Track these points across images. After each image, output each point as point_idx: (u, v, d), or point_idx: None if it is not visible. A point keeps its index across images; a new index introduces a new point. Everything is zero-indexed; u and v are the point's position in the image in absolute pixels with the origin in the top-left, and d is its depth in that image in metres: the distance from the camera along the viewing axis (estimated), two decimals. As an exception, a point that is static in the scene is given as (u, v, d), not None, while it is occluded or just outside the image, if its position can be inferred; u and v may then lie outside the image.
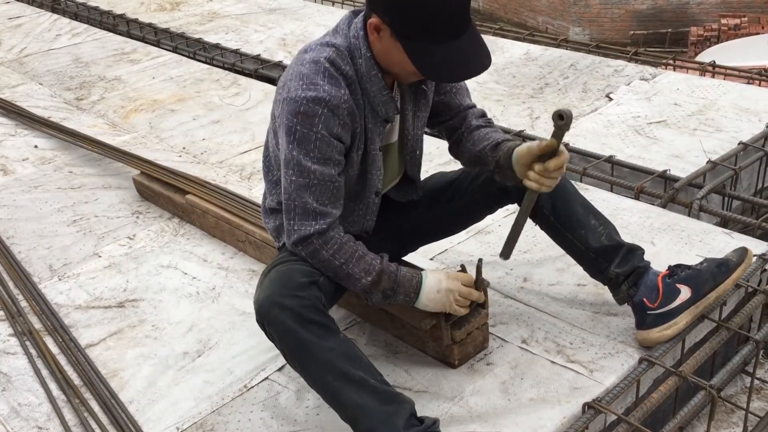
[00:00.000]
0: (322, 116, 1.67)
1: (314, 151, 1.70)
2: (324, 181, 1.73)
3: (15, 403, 2.04)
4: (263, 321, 1.70)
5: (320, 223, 1.75)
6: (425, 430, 1.67)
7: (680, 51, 9.50)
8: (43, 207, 3.11)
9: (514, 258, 2.49)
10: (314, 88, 1.68)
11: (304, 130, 1.68)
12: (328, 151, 1.71)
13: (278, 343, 1.71)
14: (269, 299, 1.68)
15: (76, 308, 2.44)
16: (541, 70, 4.42)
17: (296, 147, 1.69)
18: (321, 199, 1.74)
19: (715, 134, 3.48)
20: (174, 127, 3.88)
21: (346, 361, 1.68)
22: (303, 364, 1.70)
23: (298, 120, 1.68)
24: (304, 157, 1.70)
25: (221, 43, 5.29)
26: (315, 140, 1.69)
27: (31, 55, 5.27)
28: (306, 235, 1.75)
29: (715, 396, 1.91)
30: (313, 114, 1.67)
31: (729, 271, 2.01)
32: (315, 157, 1.70)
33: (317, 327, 1.68)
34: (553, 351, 2.07)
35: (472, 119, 2.04)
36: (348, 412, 1.69)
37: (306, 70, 1.71)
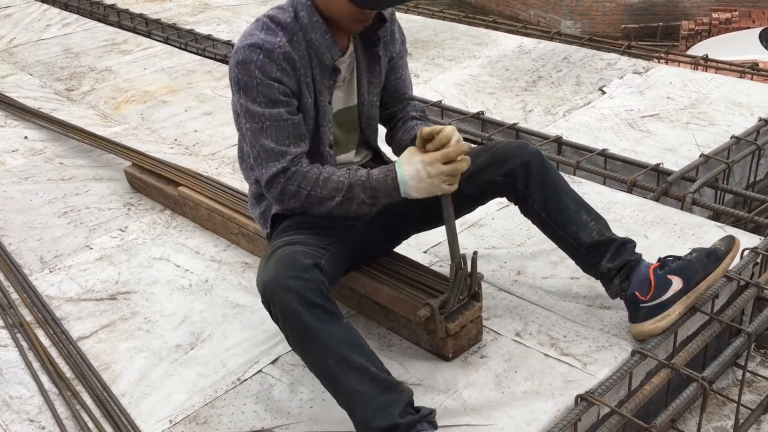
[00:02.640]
0: (258, 62, 1.76)
1: (258, 96, 1.77)
2: (276, 121, 1.79)
3: (6, 395, 2.03)
4: (268, 302, 1.69)
5: (281, 161, 1.80)
6: (420, 420, 1.67)
7: (671, 45, 9.51)
8: (34, 198, 3.09)
9: (508, 251, 2.50)
10: (250, 38, 1.78)
11: (245, 77, 1.76)
12: (271, 94, 1.78)
13: (282, 324, 1.70)
14: (274, 281, 1.68)
15: (67, 300, 2.42)
16: (534, 63, 4.41)
17: (243, 95, 1.78)
18: (278, 138, 1.80)
19: (707, 128, 3.49)
20: (165, 119, 3.85)
21: (348, 347, 1.68)
22: (305, 348, 1.69)
23: (239, 69, 1.77)
24: (251, 103, 1.77)
25: (213, 34, 5.26)
26: (256, 85, 1.77)
27: (20, 46, 5.22)
28: (271, 175, 1.81)
29: (708, 388, 1.92)
30: (250, 60, 1.76)
31: (718, 259, 2.02)
32: (260, 101, 1.78)
33: (321, 311, 1.67)
34: (547, 344, 2.07)
35: (411, 110, 2.10)
36: (346, 399, 1.69)
37: (248, 28, 1.83)
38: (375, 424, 1.64)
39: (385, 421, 1.64)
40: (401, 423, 1.64)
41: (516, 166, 1.99)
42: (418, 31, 5.08)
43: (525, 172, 1.98)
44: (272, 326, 2.21)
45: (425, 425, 1.66)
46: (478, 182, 2.03)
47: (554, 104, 3.85)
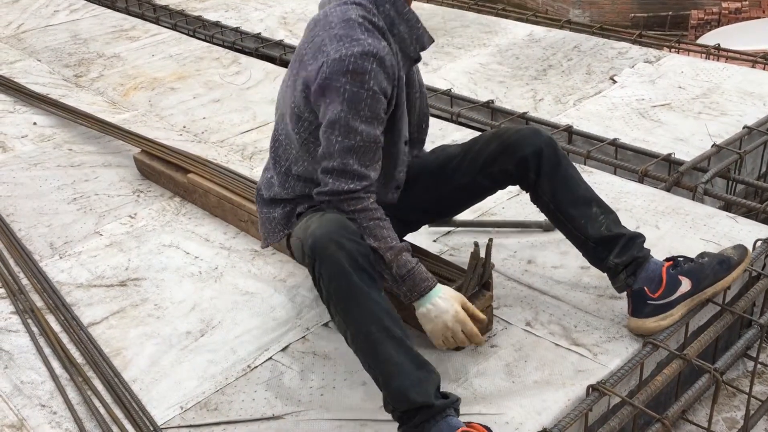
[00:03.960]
0: (372, 72, 1.67)
1: (364, 110, 1.70)
2: (368, 143, 1.74)
3: (18, 380, 2.04)
4: (315, 257, 1.66)
5: (356, 183, 1.75)
6: (450, 405, 1.66)
7: (681, 34, 9.45)
8: (43, 184, 3.09)
9: (518, 241, 2.49)
10: (358, 44, 1.67)
11: (354, 89, 1.67)
12: (377, 109, 1.72)
13: (327, 282, 1.66)
14: (327, 236, 1.65)
15: (77, 287, 2.43)
16: (544, 51, 4.38)
17: (346, 107, 1.69)
18: (363, 160, 1.75)
19: (719, 118, 3.46)
20: (174, 106, 3.85)
21: (389, 317, 1.68)
22: (348, 309, 1.66)
23: (347, 79, 1.67)
24: (353, 117, 1.70)
25: (221, 21, 5.24)
26: (366, 98, 1.69)
27: (28, 31, 5.21)
28: (341, 190, 1.75)
29: (720, 379, 1.92)
30: (363, 71, 1.67)
31: (729, 268, 2.03)
32: (364, 116, 1.70)
33: (368, 277, 1.67)
34: (558, 334, 2.07)
35: None
36: (382, 367, 1.66)
37: (340, 30, 1.70)
38: (411, 397, 1.63)
39: (422, 397, 1.63)
40: (436, 404, 1.64)
41: (528, 155, 1.98)
42: (427, 19, 5.03)
43: (536, 161, 1.97)
44: (282, 314, 2.23)
45: (452, 412, 1.66)
46: (491, 171, 2.02)
47: (565, 93, 3.83)
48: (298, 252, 1.89)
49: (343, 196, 1.76)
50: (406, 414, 1.65)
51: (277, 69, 4.25)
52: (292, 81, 1.86)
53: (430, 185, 2.08)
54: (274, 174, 1.99)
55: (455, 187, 2.09)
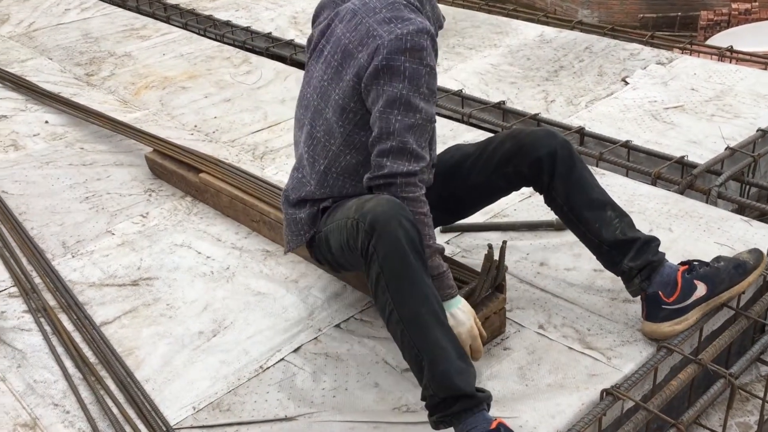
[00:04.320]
0: (427, 48, 1.72)
1: (423, 87, 1.73)
2: (426, 121, 1.76)
3: (31, 379, 2.04)
4: (374, 233, 1.66)
5: (414, 164, 1.76)
6: (486, 399, 1.67)
7: (690, 35, 9.41)
8: (55, 183, 3.10)
9: (530, 243, 2.48)
10: (410, 23, 1.72)
11: (414, 65, 1.71)
12: (433, 84, 1.75)
13: (381, 259, 1.66)
14: (388, 213, 1.66)
15: (90, 286, 2.43)
16: (555, 52, 4.37)
17: (406, 85, 1.71)
18: (419, 140, 1.76)
19: (732, 120, 3.44)
20: (185, 105, 3.85)
21: (437, 302, 1.69)
22: (401, 288, 1.66)
23: (406, 57, 1.70)
24: (414, 94, 1.72)
25: (232, 20, 5.24)
26: (425, 74, 1.72)
27: (40, 30, 5.23)
28: (395, 172, 1.75)
29: (735, 384, 1.91)
30: (420, 48, 1.71)
31: (745, 273, 2.02)
32: (423, 93, 1.73)
33: (421, 260, 1.68)
34: (571, 337, 2.06)
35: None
36: (429, 349, 1.65)
37: (387, 13, 1.75)
38: (457, 383, 1.63)
39: (465, 386, 1.63)
40: (477, 396, 1.64)
41: (542, 156, 1.97)
42: (437, 19, 5.04)
43: (551, 163, 1.97)
44: (294, 314, 2.22)
45: (486, 407, 1.67)
46: (506, 171, 2.02)
47: (576, 94, 3.82)
48: (341, 234, 1.82)
49: (400, 178, 1.75)
50: (444, 401, 1.64)
51: (288, 68, 4.25)
52: (334, 73, 1.86)
53: (445, 184, 2.08)
54: (311, 173, 1.97)
55: (469, 187, 2.08)
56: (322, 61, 1.91)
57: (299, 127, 2.03)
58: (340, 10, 1.89)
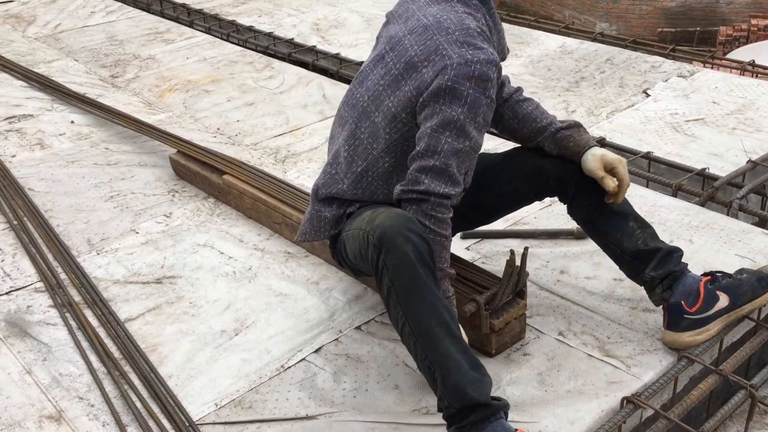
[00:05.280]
0: (494, 80, 1.74)
1: (480, 116, 1.75)
2: (474, 151, 1.78)
3: (56, 373, 2.07)
4: (382, 247, 1.68)
5: (449, 188, 1.77)
6: (503, 408, 1.67)
7: (709, 50, 9.40)
8: (80, 182, 3.14)
9: (551, 251, 2.49)
10: (483, 52, 1.73)
11: (477, 94, 1.72)
12: (489, 116, 1.78)
13: (390, 272, 1.68)
14: (396, 228, 1.67)
15: (114, 283, 2.47)
16: (576, 63, 4.38)
17: (465, 111, 1.73)
18: (461, 167, 1.78)
19: (754, 134, 3.44)
20: (208, 108, 3.90)
21: (448, 314, 1.69)
22: (410, 301, 1.67)
23: (471, 84, 1.72)
24: (470, 122, 1.74)
25: (254, 26, 5.30)
26: (484, 105, 1.74)
27: (65, 32, 5.31)
28: (431, 191, 1.76)
29: (756, 396, 1.91)
30: (487, 78, 1.73)
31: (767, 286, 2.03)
32: (479, 122, 1.75)
33: (430, 273, 1.69)
34: (591, 344, 2.07)
35: (507, 86, 2.11)
36: (441, 361, 1.66)
37: (460, 37, 1.76)
38: (470, 394, 1.63)
39: (479, 395, 1.64)
40: (492, 404, 1.65)
41: (571, 168, 2.00)
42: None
43: (579, 173, 1.99)
44: (315, 315, 2.25)
45: (503, 415, 1.67)
46: (532, 181, 2.04)
47: (597, 105, 3.83)
48: (355, 243, 1.85)
49: (434, 198, 1.76)
50: (460, 412, 1.65)
51: (310, 74, 4.29)
52: (392, 81, 1.87)
53: (469, 191, 2.10)
54: (346, 172, 1.98)
55: (494, 195, 2.10)
56: (382, 66, 1.91)
57: (341, 124, 2.04)
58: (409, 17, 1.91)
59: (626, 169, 1.97)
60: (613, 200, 1.98)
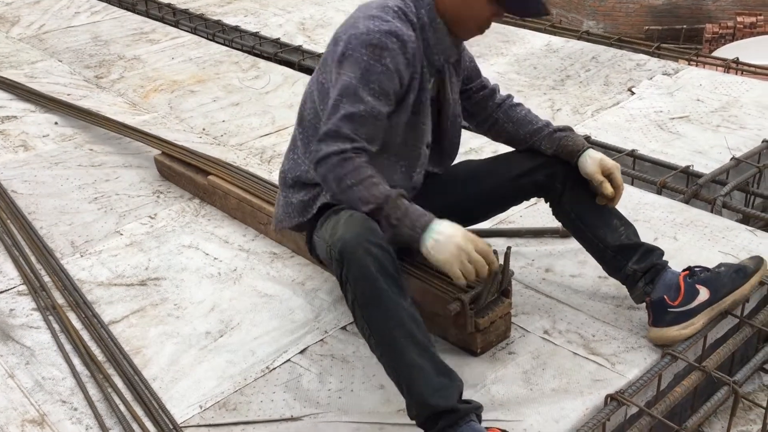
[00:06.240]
0: (392, 51, 1.75)
1: (375, 83, 1.75)
2: (371, 115, 1.76)
3: (39, 376, 2.06)
4: (343, 261, 1.66)
5: (347, 144, 1.74)
6: (474, 410, 1.67)
7: (695, 48, 9.44)
8: (64, 184, 3.12)
9: (536, 249, 2.50)
10: (387, 24, 1.76)
11: (372, 61, 1.74)
12: (387, 86, 1.76)
13: (352, 286, 1.67)
14: (356, 240, 1.66)
15: (98, 285, 2.45)
16: (562, 61, 4.39)
17: (359, 77, 1.74)
18: (359, 130, 1.76)
19: (738, 131, 3.46)
20: (193, 108, 3.88)
21: (413, 322, 1.68)
22: (373, 314, 1.67)
23: (366, 51, 1.74)
24: (363, 87, 1.74)
25: (240, 25, 5.28)
26: (379, 73, 1.74)
27: (50, 32, 5.27)
28: (328, 153, 1.74)
29: (738, 392, 1.91)
30: (384, 47, 1.74)
31: (747, 276, 2.04)
32: (374, 89, 1.75)
33: (394, 283, 1.67)
34: (576, 342, 2.07)
35: (499, 93, 2.18)
36: (405, 372, 1.66)
37: (374, 12, 1.79)
38: (434, 402, 1.63)
39: (444, 402, 1.64)
40: (459, 408, 1.64)
41: (559, 167, 2.05)
42: (445, 27, 5.06)
43: (565, 173, 2.03)
44: (301, 316, 2.24)
45: (474, 417, 1.67)
46: (522, 182, 2.07)
47: (582, 104, 3.84)
48: (323, 253, 1.89)
49: (333, 158, 1.73)
50: (429, 420, 1.65)
51: (296, 74, 4.28)
52: (323, 60, 1.92)
53: (458, 193, 2.11)
54: (304, 153, 1.98)
55: (483, 196, 2.12)
56: None
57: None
58: None
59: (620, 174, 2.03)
60: (605, 203, 2.01)
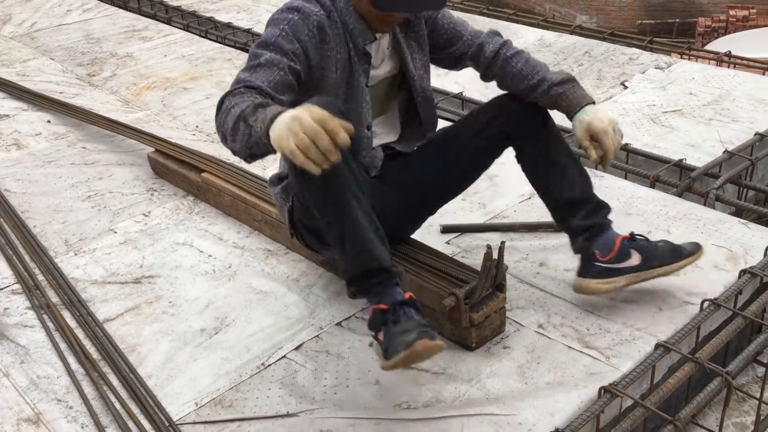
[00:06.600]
0: (291, 21, 1.85)
1: (274, 43, 1.83)
2: (271, 63, 1.79)
3: (34, 375, 2.06)
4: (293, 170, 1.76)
5: (242, 85, 1.73)
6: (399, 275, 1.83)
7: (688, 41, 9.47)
8: (57, 182, 3.11)
9: (530, 243, 2.50)
10: (291, 3, 1.88)
11: (273, 28, 1.85)
12: (285, 46, 1.83)
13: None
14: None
15: (92, 283, 2.45)
16: (555, 56, 4.40)
17: (262, 41, 1.84)
18: (260, 77, 1.76)
19: (730, 124, 3.47)
20: (187, 106, 3.87)
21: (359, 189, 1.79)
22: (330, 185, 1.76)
23: (270, 25, 1.86)
24: (263, 47, 1.82)
25: (233, 22, 5.27)
26: (278, 35, 1.83)
27: (41, 30, 5.25)
28: (225, 94, 1.73)
29: (732, 383, 1.93)
30: (284, 19, 1.86)
31: (680, 257, 2.10)
32: (273, 46, 1.82)
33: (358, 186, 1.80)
34: (570, 336, 2.08)
35: (489, 46, 2.16)
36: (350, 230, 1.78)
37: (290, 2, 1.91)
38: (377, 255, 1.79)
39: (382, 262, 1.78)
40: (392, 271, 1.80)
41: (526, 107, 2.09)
42: (437, 23, 5.06)
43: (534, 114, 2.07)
44: (296, 312, 2.24)
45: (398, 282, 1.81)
46: (490, 133, 2.09)
47: (575, 98, 3.84)
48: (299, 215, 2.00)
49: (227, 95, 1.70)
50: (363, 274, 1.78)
51: (289, 70, 4.26)
52: None
53: (434, 156, 2.14)
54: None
55: (457, 153, 2.13)
56: None
57: None
58: None
59: (613, 137, 1.98)
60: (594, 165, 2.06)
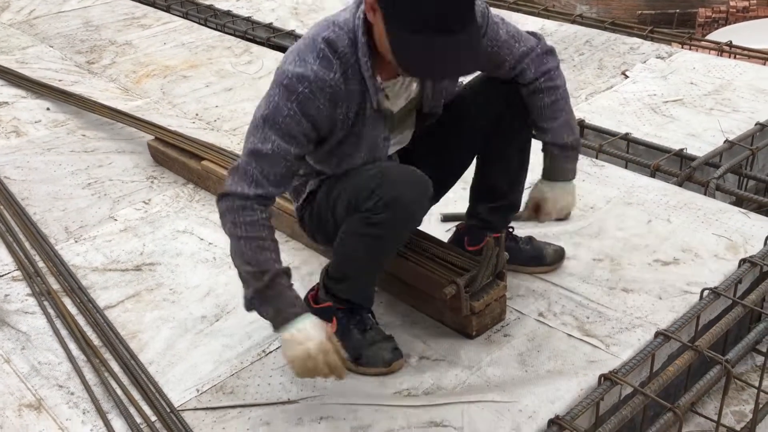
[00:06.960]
0: (300, 95, 1.68)
1: (282, 124, 1.70)
2: (278, 155, 1.72)
3: (35, 361, 2.06)
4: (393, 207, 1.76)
5: (251, 189, 1.72)
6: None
7: (688, 32, 9.43)
8: (57, 169, 3.11)
9: (531, 231, 2.50)
10: (303, 65, 1.69)
11: (281, 101, 1.70)
12: (293, 129, 1.71)
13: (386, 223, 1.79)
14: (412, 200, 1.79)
15: (93, 270, 2.45)
16: (556, 46, 4.32)
17: (269, 113, 1.71)
18: (267, 171, 1.72)
19: (731, 114, 3.47)
20: (186, 94, 3.86)
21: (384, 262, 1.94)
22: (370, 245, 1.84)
23: (279, 91, 1.70)
24: (271, 126, 1.71)
25: (232, 10, 5.24)
26: (286, 115, 1.69)
27: (40, 18, 5.22)
28: (232, 192, 1.73)
29: (731, 371, 1.93)
30: (293, 90, 1.68)
31: (539, 265, 2.29)
32: (281, 129, 1.71)
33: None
34: (570, 325, 2.08)
35: (529, 73, 2.00)
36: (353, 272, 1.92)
37: (303, 45, 1.73)
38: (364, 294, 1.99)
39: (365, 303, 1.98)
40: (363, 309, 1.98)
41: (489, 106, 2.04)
42: (438, 12, 5.03)
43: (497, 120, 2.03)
44: (297, 300, 2.24)
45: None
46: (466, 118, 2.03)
47: (576, 87, 3.84)
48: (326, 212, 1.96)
49: (237, 201, 1.72)
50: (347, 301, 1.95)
51: (289, 59, 4.25)
52: None
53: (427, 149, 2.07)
54: None
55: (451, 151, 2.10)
56: None
57: None
58: None
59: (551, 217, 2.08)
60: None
